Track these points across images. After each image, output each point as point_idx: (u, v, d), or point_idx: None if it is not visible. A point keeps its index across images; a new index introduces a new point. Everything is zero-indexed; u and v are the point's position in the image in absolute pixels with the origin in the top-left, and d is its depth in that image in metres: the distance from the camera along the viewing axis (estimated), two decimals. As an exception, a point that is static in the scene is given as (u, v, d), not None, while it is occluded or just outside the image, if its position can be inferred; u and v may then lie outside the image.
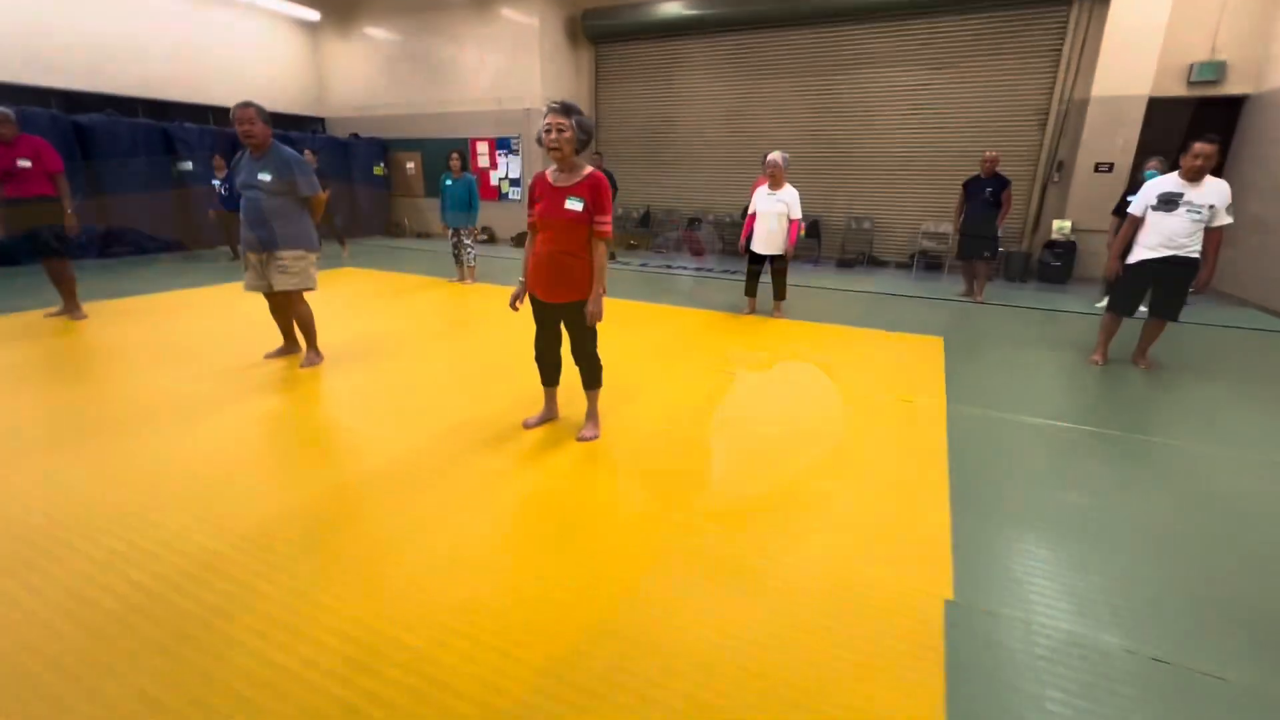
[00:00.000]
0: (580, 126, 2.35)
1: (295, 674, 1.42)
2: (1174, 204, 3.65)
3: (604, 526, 2.08)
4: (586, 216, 2.47)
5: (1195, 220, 3.61)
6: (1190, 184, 3.63)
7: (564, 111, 2.32)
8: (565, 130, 2.32)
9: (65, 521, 2.02)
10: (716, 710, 1.33)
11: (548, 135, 2.34)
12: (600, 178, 2.47)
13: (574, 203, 2.45)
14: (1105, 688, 1.42)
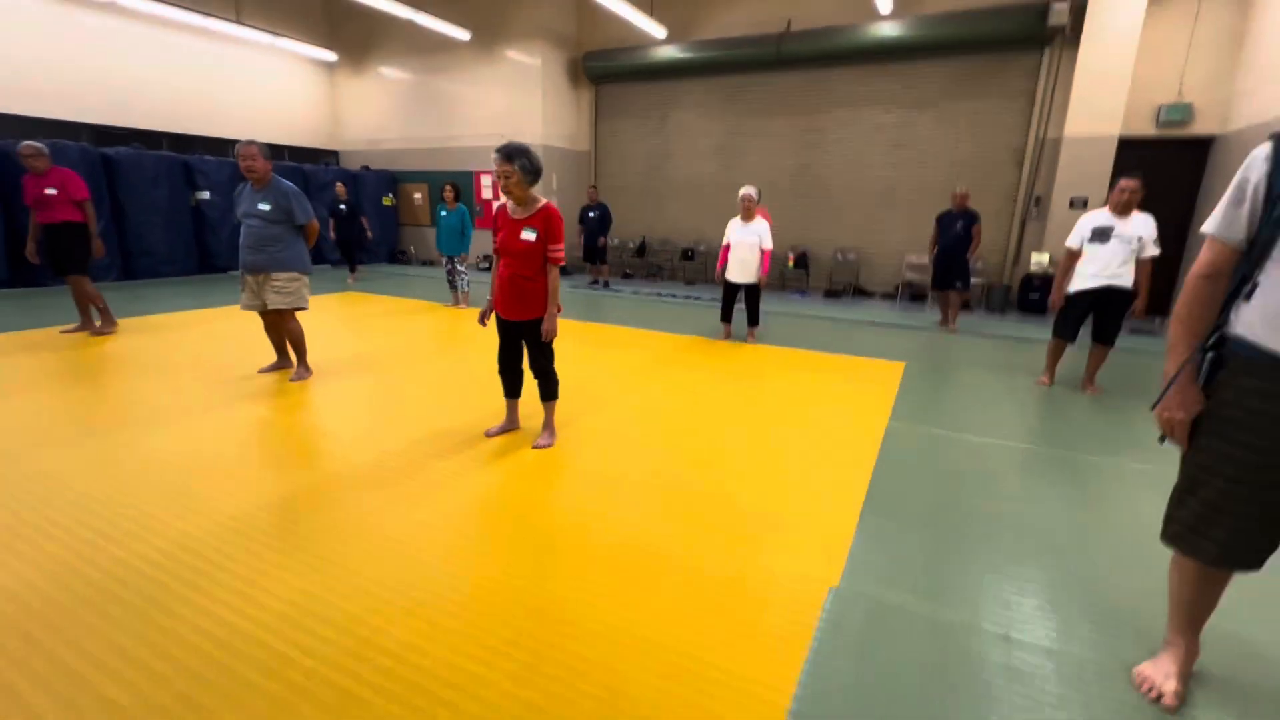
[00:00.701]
0: (524, 169, 2.64)
1: (253, 635, 1.64)
2: (1106, 236, 3.89)
3: (547, 522, 2.30)
4: (540, 245, 2.75)
5: (1129, 251, 3.83)
6: (1119, 217, 3.87)
7: (507, 158, 2.62)
8: (511, 175, 2.62)
9: (59, 505, 2.27)
10: (621, 674, 1.53)
11: (497, 181, 2.65)
12: (552, 210, 2.76)
13: (529, 233, 2.74)
14: (951, 659, 1.61)
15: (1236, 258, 1.34)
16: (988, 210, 8.30)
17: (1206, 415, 1.37)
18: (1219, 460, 1.34)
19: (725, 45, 9.16)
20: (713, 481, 2.65)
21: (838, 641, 1.67)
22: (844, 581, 1.94)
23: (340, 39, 11.61)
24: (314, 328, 5.60)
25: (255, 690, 1.44)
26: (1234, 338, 1.32)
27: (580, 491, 2.56)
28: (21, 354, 4.38)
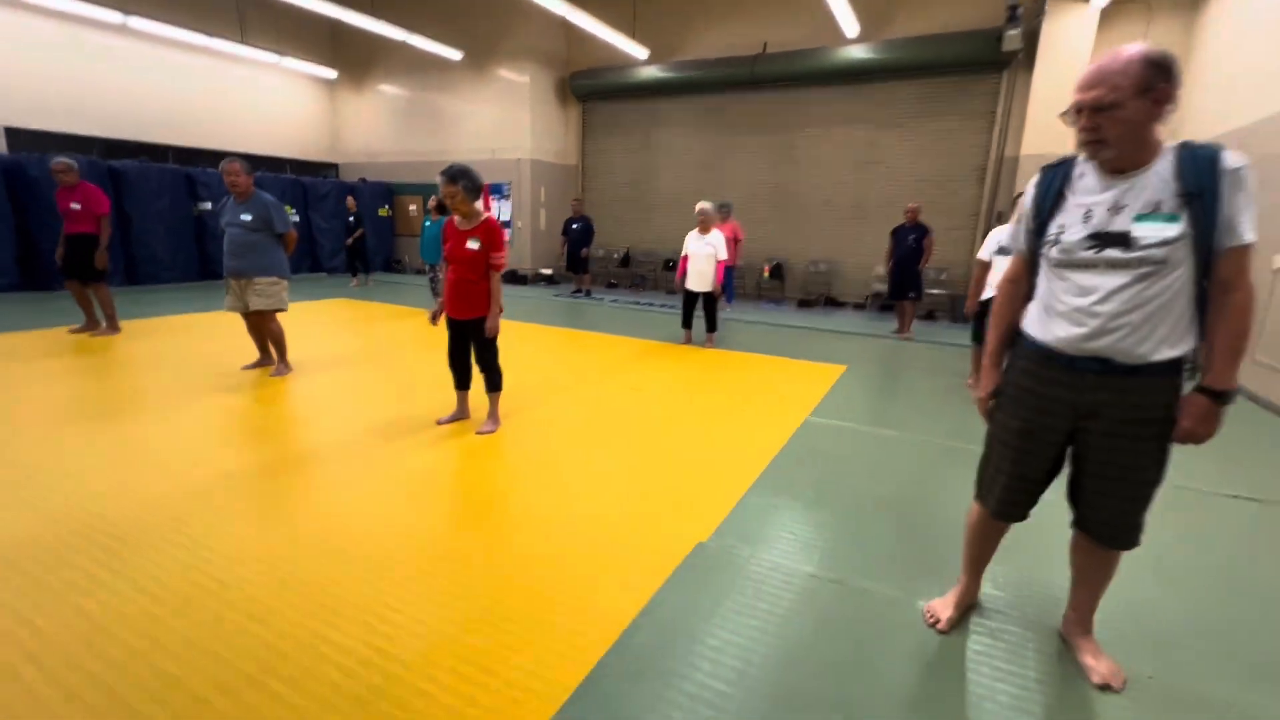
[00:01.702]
0: (467, 188, 3.02)
1: (214, 575, 1.99)
2: (1009, 251, 4.20)
3: (478, 494, 2.64)
4: (483, 253, 3.12)
5: None
6: None
7: (451, 179, 3.00)
8: (456, 194, 3.00)
9: (53, 469, 2.63)
10: (512, 607, 1.87)
11: (446, 200, 3.03)
12: (492, 222, 3.14)
13: (473, 242, 3.11)
14: (777, 595, 1.94)
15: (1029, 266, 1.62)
16: (951, 225, 8.68)
17: (998, 394, 1.67)
18: (1000, 430, 1.65)
19: (703, 66, 9.59)
20: (632, 463, 2.99)
21: (688, 577, 2.00)
22: (712, 538, 2.27)
23: (341, 57, 12.13)
24: (302, 329, 5.99)
25: (194, 604, 1.79)
26: (1020, 330, 1.63)
27: (512, 470, 2.90)
28: (31, 351, 4.77)
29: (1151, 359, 1.39)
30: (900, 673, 1.62)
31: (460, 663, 1.60)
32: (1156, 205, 1.35)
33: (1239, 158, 1.31)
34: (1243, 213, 1.31)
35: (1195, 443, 1.43)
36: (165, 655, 1.59)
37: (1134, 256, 1.36)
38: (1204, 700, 1.56)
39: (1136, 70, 1.32)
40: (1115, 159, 1.38)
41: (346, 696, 1.47)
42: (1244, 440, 3.67)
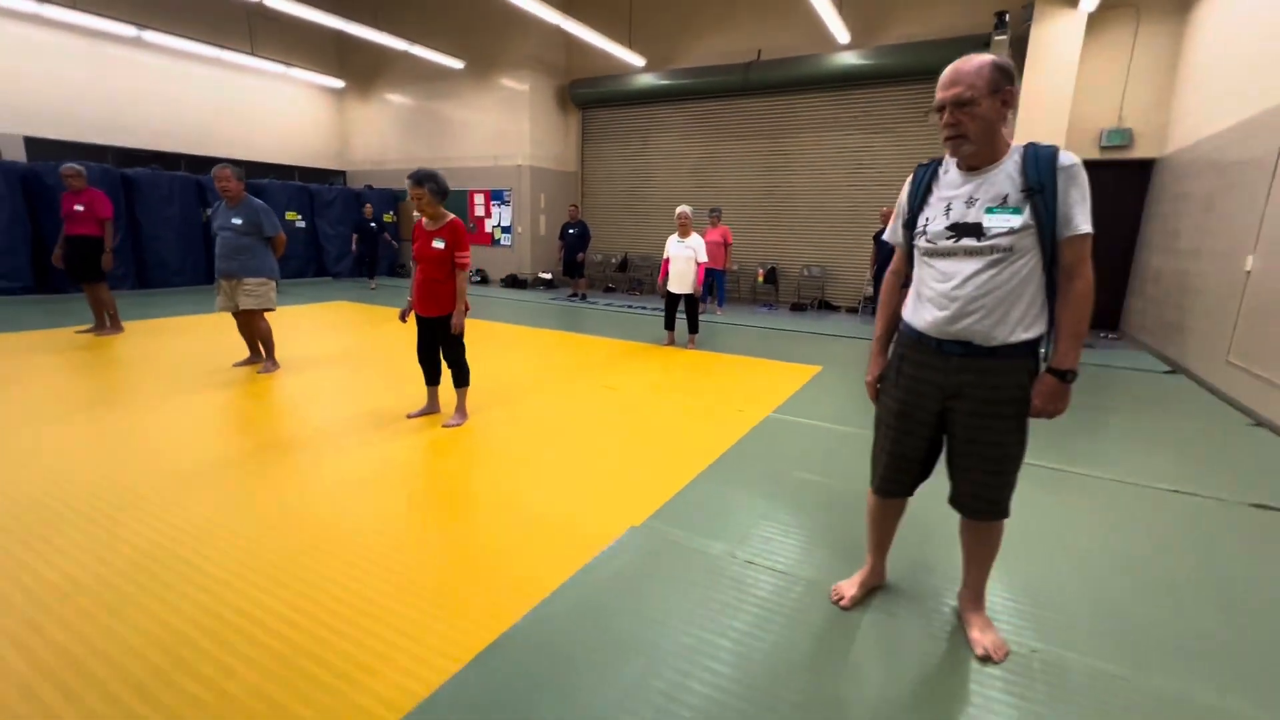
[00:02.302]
0: (433, 190, 3.17)
1: (178, 550, 2.14)
2: None
3: (441, 482, 2.78)
4: (449, 252, 3.27)
5: None
6: None
7: (417, 183, 3.16)
8: (422, 196, 3.15)
9: (43, 452, 2.81)
10: (443, 582, 2.00)
11: (413, 202, 3.19)
12: (457, 223, 3.29)
13: (438, 242, 3.26)
14: (693, 573, 2.04)
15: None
16: (944, 228, 8.70)
17: (883, 378, 1.78)
18: (883, 411, 1.77)
19: (698, 73, 9.75)
20: (586, 456, 3.11)
21: (614, 556, 2.12)
22: (646, 522, 2.38)
23: (348, 67, 12.46)
24: (298, 330, 6.20)
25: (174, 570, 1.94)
26: (901, 317, 1.74)
27: (472, 460, 3.03)
28: (38, 349, 5.01)
29: (1007, 341, 1.51)
30: (793, 642, 1.72)
31: (385, 628, 1.73)
32: (1004, 198, 1.47)
33: (1073, 157, 1.45)
34: (1077, 206, 1.43)
35: (1048, 418, 1.54)
36: (115, 616, 1.74)
37: (985, 245, 1.48)
38: (1079, 672, 1.64)
39: (988, 73, 1.45)
40: (973, 154, 1.50)
41: (272, 654, 1.61)
42: (1209, 439, 3.70)
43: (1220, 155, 5.42)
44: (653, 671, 1.59)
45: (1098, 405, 4.38)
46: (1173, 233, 6.49)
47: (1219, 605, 1.98)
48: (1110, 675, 1.63)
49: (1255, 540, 2.44)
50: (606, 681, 1.55)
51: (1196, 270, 5.61)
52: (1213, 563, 2.25)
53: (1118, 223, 7.80)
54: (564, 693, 1.51)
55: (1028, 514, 2.59)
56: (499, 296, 9.73)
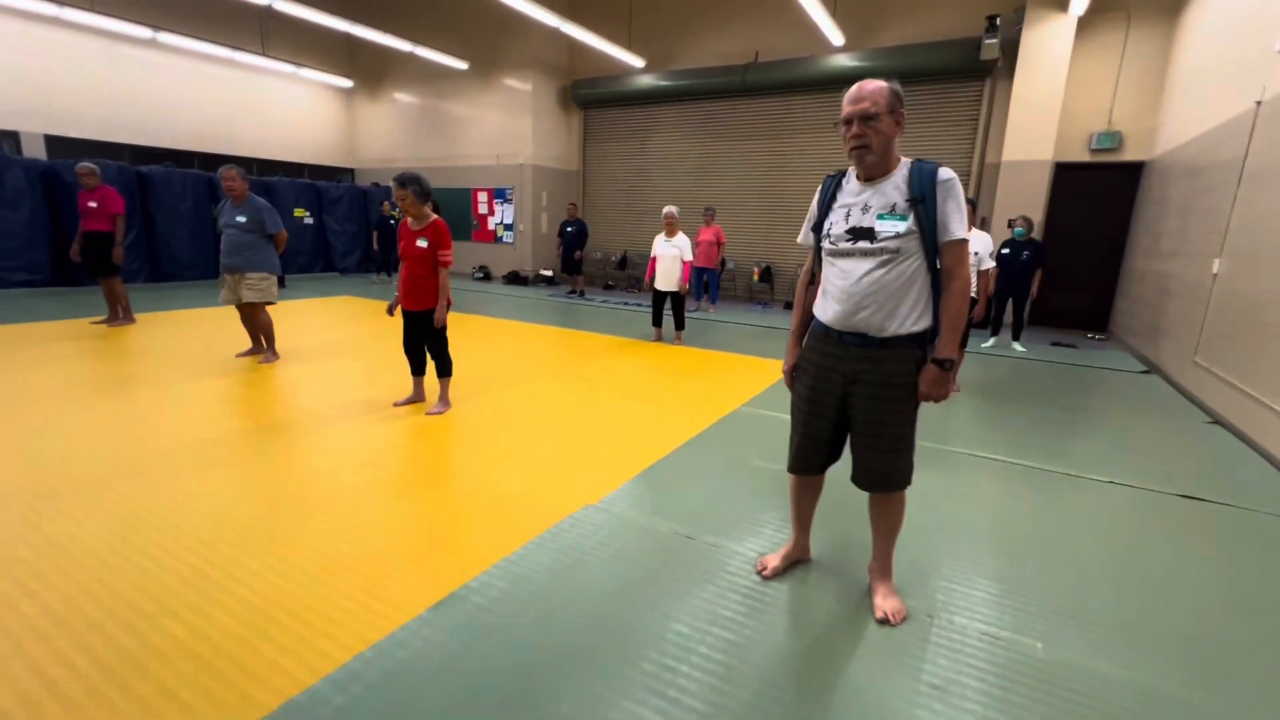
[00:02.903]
0: (416, 192, 3.38)
1: (161, 516, 2.37)
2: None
3: (414, 462, 3.00)
4: (431, 250, 3.48)
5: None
6: None
7: (401, 184, 3.36)
8: (406, 199, 3.36)
9: (49, 430, 3.06)
10: (405, 548, 2.21)
11: (397, 202, 3.39)
12: (439, 223, 3.50)
13: (422, 241, 3.47)
14: (639, 546, 2.24)
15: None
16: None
17: (797, 368, 1.97)
18: (796, 398, 1.96)
19: (697, 75, 9.91)
20: (559, 441, 3.32)
21: (566, 530, 2.32)
22: (602, 502, 2.58)
23: (357, 67, 12.74)
24: (302, 323, 6.46)
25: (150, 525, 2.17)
26: (813, 314, 1.93)
27: (449, 445, 3.25)
28: (56, 338, 5.30)
29: (896, 333, 1.70)
30: (712, 606, 1.91)
31: (348, 584, 1.94)
32: (893, 206, 1.66)
33: (950, 172, 1.64)
34: (953, 215, 1.62)
35: (934, 401, 1.72)
36: (109, 569, 1.97)
37: (877, 246, 1.67)
38: (965, 634, 1.81)
39: (887, 94, 1.65)
40: (873, 165, 1.69)
41: (246, 604, 1.82)
42: (1162, 436, 3.83)
43: (1197, 159, 5.52)
44: (578, 623, 1.79)
45: (1064, 404, 4.52)
46: (1155, 235, 6.58)
47: (1115, 582, 2.14)
48: (992, 637, 1.81)
49: (1172, 527, 2.59)
50: (542, 630, 1.75)
51: (1173, 273, 5.71)
52: (1122, 546, 2.41)
53: (1106, 225, 7.89)
54: (501, 638, 1.71)
55: (962, 501, 2.76)
56: (501, 293, 9.96)
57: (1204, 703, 1.58)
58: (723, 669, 1.64)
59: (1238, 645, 1.83)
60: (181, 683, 1.52)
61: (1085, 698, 1.58)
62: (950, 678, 1.64)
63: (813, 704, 1.53)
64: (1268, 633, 1.89)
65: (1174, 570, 2.24)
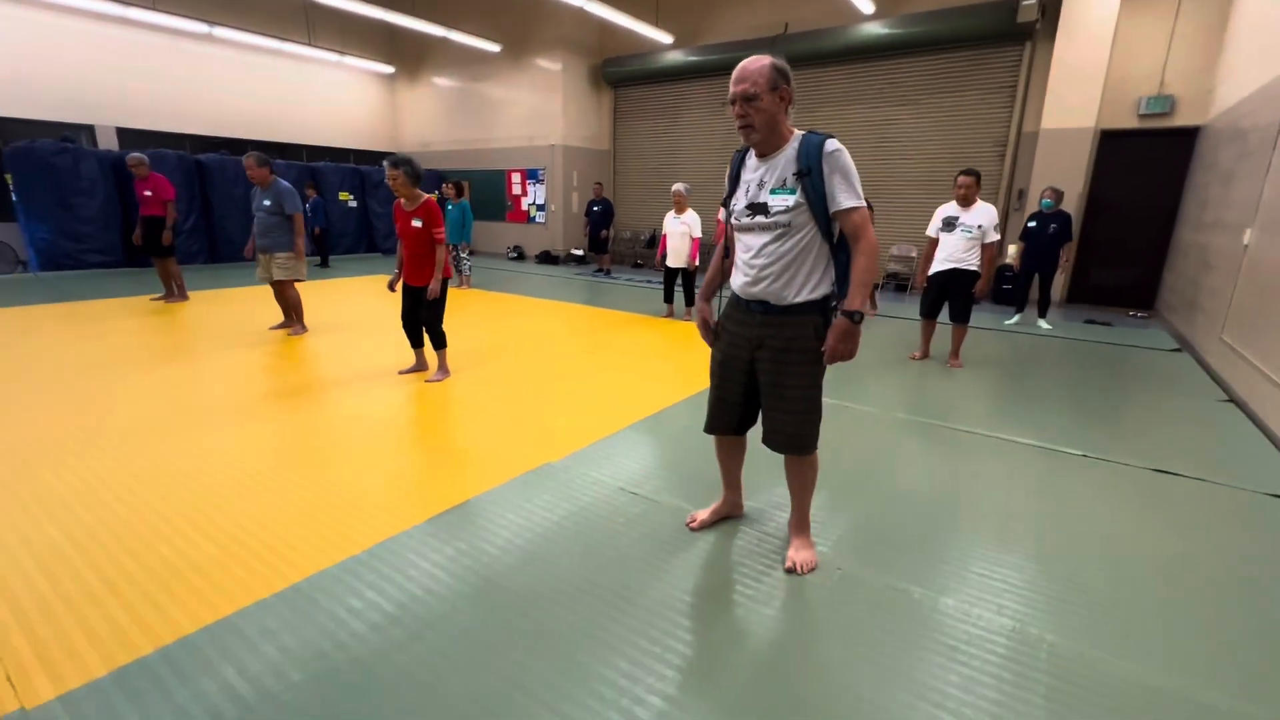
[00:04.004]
0: (407, 173, 3.59)
1: (182, 463, 2.70)
2: (952, 225, 4.37)
3: (410, 421, 3.26)
4: (426, 230, 3.70)
5: (969, 238, 4.30)
6: (963, 208, 4.33)
7: (394, 165, 3.57)
8: (397, 179, 3.57)
9: (104, 393, 3.47)
10: (385, 490, 2.46)
11: (389, 183, 3.61)
12: (430, 203, 3.71)
13: (417, 221, 3.69)
14: (582, 498, 2.40)
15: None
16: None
17: (719, 326, 2.04)
18: (712, 363, 2.06)
19: (725, 49, 9.78)
20: (543, 407, 3.51)
21: (523, 483, 2.51)
22: (562, 461, 2.76)
23: (398, 53, 13.15)
24: (334, 300, 6.87)
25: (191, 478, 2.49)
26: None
27: (441, 408, 3.49)
28: (118, 313, 5.88)
29: (795, 301, 1.78)
30: (642, 550, 2.06)
31: (326, 515, 2.19)
32: (783, 181, 1.73)
33: (836, 144, 1.69)
34: (840, 186, 1.68)
35: (842, 359, 1.77)
36: (124, 505, 2.28)
37: (770, 221, 1.75)
38: (869, 585, 1.90)
39: (768, 72, 1.70)
40: (761, 142, 1.75)
41: (229, 535, 2.10)
42: (1164, 414, 3.70)
43: (1243, 121, 5.15)
44: (505, 559, 1.97)
45: (1074, 381, 4.39)
46: (1201, 204, 6.17)
47: (1052, 548, 2.16)
48: (894, 589, 1.89)
49: (1134, 499, 2.56)
50: (482, 557, 1.95)
51: (1211, 244, 5.38)
52: (1075, 516, 2.40)
53: (1156, 195, 7.42)
54: (453, 561, 1.92)
55: (925, 468, 2.80)
56: (532, 272, 10.24)
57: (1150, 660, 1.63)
58: (619, 598, 1.79)
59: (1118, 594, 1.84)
60: (153, 596, 1.79)
61: (961, 639, 1.65)
62: (829, 620, 1.74)
63: (700, 625, 1.66)
64: (1142, 584, 1.90)
65: (1112, 534, 2.24)
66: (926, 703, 1.44)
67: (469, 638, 1.63)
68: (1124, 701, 1.46)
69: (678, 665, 1.55)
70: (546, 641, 1.62)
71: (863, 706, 1.43)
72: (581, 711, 1.39)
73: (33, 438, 2.89)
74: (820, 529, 2.22)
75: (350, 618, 1.70)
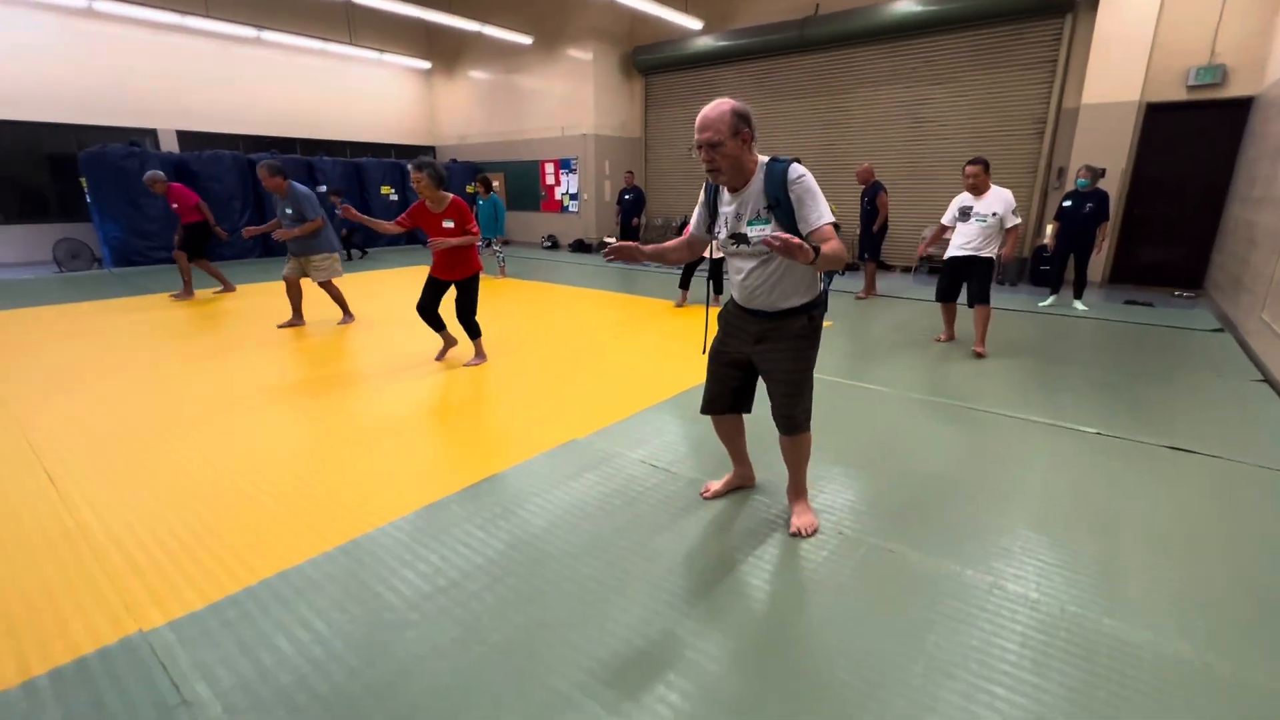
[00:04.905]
0: (430, 176, 3.75)
1: (224, 448, 3.02)
2: (967, 215, 4.35)
3: (456, 402, 3.53)
4: (459, 228, 3.90)
5: (983, 226, 4.28)
6: (975, 197, 4.32)
7: (418, 169, 3.73)
8: (421, 181, 3.74)
9: (152, 380, 3.85)
10: (427, 459, 2.73)
11: (414, 186, 3.78)
12: (459, 202, 3.90)
13: (448, 222, 3.89)
14: (604, 468, 2.61)
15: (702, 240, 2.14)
16: (1007, 182, 8.29)
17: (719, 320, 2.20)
18: (711, 352, 2.23)
19: (755, 32, 9.75)
20: (572, 388, 3.73)
21: (554, 457, 2.73)
22: (588, 437, 2.97)
23: (435, 49, 13.49)
24: (378, 291, 7.24)
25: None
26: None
27: (483, 391, 3.75)
28: (186, 306, 6.36)
29: (785, 307, 1.98)
30: (659, 515, 2.25)
31: (376, 483, 2.46)
32: (757, 213, 1.89)
33: (798, 170, 1.83)
34: (809, 208, 1.82)
35: (781, 250, 1.61)
36: (207, 459, 2.61)
37: (752, 249, 1.92)
38: (868, 548, 2.05)
39: (729, 119, 1.80)
40: (729, 181, 1.92)
41: (302, 505, 2.38)
42: (1192, 393, 3.68)
43: (1290, 95, 4.95)
44: (534, 521, 2.20)
45: (1102, 361, 4.38)
46: (1251, 179, 5.94)
47: (1048, 518, 2.27)
48: (887, 551, 2.04)
49: (1144, 473, 2.62)
50: (513, 519, 2.18)
51: (1258, 221, 5.20)
52: (1085, 489, 2.49)
53: (1204, 170, 7.14)
54: (483, 518, 2.16)
55: (932, 443, 2.91)
56: (565, 260, 10.49)
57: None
58: (636, 554, 1.99)
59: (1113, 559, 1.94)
60: (236, 547, 2.08)
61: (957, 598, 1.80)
62: (827, 576, 1.90)
63: (709, 577, 1.85)
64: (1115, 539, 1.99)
65: (1131, 510, 2.32)
66: (895, 639, 1.60)
67: (501, 585, 1.86)
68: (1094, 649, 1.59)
69: (687, 610, 1.74)
70: (569, 589, 1.84)
71: (847, 642, 1.60)
72: (598, 648, 1.60)
73: (134, 420, 3.27)
74: (829, 498, 2.37)
75: (400, 566, 1.95)
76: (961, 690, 1.47)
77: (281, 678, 1.50)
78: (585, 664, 1.55)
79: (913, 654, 1.58)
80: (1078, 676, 1.51)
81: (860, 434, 3.03)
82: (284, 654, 1.58)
